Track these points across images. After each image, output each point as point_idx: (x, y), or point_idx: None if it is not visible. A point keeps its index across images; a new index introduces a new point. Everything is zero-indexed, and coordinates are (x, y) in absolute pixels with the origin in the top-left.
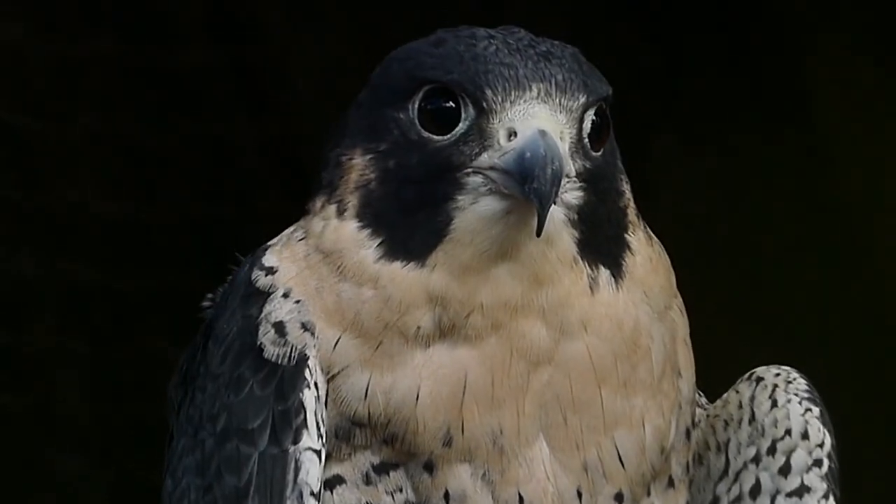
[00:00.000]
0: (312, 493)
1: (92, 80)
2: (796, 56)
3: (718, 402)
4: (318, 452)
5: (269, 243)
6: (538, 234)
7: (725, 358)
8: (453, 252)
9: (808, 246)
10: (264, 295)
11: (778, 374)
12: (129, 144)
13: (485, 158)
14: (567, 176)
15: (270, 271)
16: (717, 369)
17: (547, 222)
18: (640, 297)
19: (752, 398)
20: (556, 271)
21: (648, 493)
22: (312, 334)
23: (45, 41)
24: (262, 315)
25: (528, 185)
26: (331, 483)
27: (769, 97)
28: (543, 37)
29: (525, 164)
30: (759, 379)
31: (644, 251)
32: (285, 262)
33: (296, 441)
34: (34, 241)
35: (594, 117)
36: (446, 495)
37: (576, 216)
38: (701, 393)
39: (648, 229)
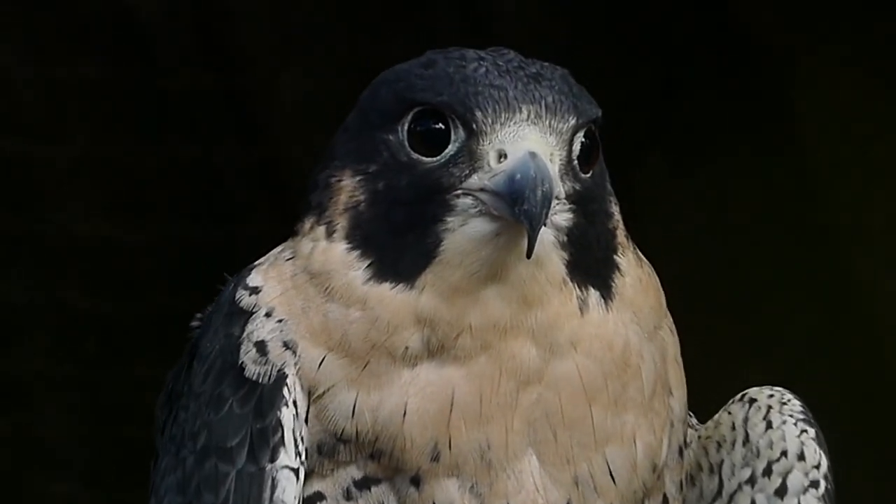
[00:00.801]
0: None
1: (81, 103)
2: (783, 80)
3: (710, 424)
4: (296, 471)
5: (255, 263)
6: (528, 256)
7: (713, 380)
8: (443, 274)
9: (794, 268)
10: (247, 314)
11: (772, 396)
12: (118, 168)
13: (475, 180)
14: (557, 198)
15: (254, 291)
16: (704, 391)
17: (537, 244)
18: (630, 318)
19: (746, 419)
20: (546, 293)
21: None
22: (294, 353)
23: (35, 65)
24: (245, 334)
25: (518, 207)
26: (311, 500)
27: (757, 121)
28: (533, 58)
29: (515, 186)
30: (752, 400)
31: (633, 272)
32: (270, 281)
33: (273, 459)
34: (21, 264)
35: (584, 139)
36: None
37: (565, 238)
38: (691, 414)
39: (638, 251)
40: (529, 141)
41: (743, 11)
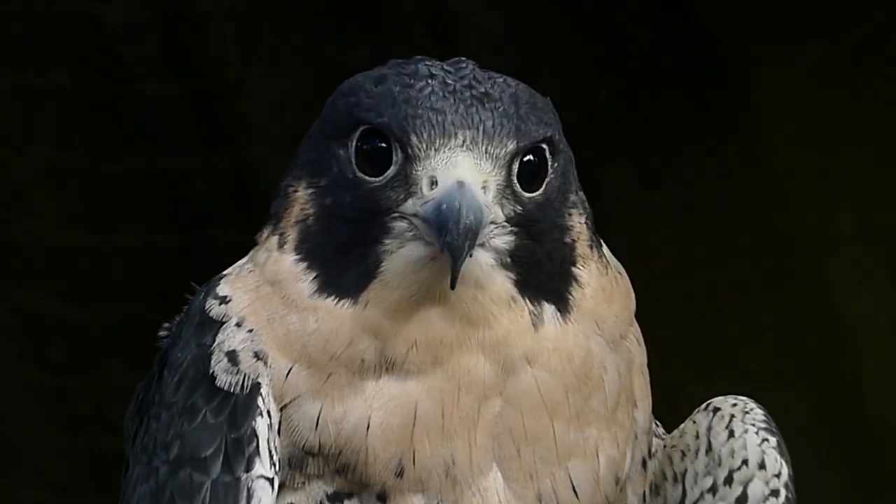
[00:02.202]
0: None
1: (48, 111)
2: (749, 88)
3: (675, 433)
4: (271, 480)
5: (223, 273)
6: (452, 287)
7: (680, 389)
8: (383, 294)
9: (762, 281)
10: (218, 324)
11: (735, 405)
12: (85, 176)
13: (409, 205)
14: (494, 223)
15: (224, 300)
16: (671, 400)
17: (472, 268)
18: (592, 329)
19: (710, 428)
20: (491, 313)
21: None
22: (265, 363)
23: (2, 72)
24: (216, 344)
25: (442, 237)
26: None
27: (723, 129)
28: (490, 72)
29: (441, 217)
30: (716, 409)
31: (595, 282)
32: (238, 291)
33: (248, 469)
34: None
35: (531, 158)
36: None
37: (508, 259)
38: (658, 423)
39: (605, 258)
40: (460, 169)
41: (708, 19)
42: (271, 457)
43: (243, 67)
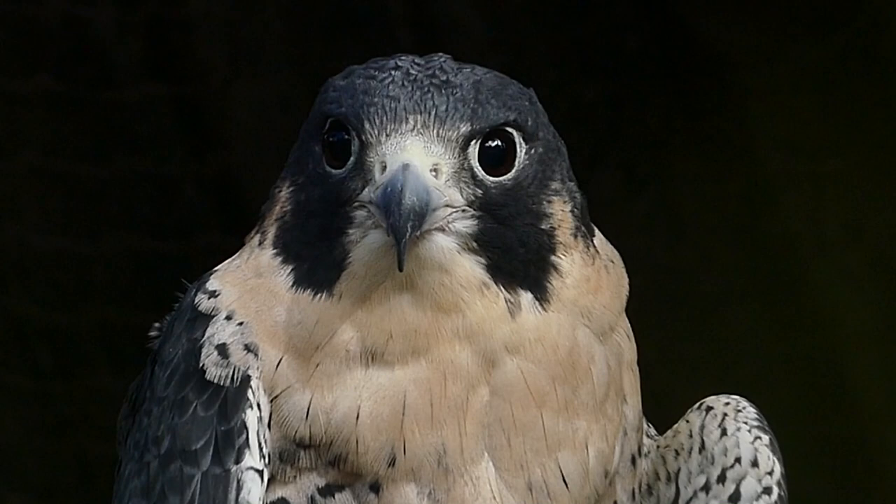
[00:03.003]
0: None
1: (33, 115)
2: (737, 94)
3: (669, 433)
4: (261, 472)
5: (214, 269)
6: (400, 269)
7: (669, 391)
8: (353, 285)
9: (750, 279)
10: (208, 318)
11: (727, 404)
12: (71, 180)
13: (366, 193)
14: (452, 206)
15: (213, 295)
16: (661, 403)
17: (433, 252)
18: (578, 319)
19: (703, 427)
20: (462, 298)
21: None
22: (256, 355)
23: None
24: (206, 337)
25: (386, 219)
26: None
27: (710, 135)
28: (467, 65)
29: (385, 199)
30: (709, 408)
31: (578, 272)
32: (227, 286)
33: (238, 461)
34: None
35: (497, 143)
36: None
37: (475, 244)
38: (650, 424)
39: (595, 247)
40: (407, 152)
41: (694, 23)
42: (261, 449)
43: (229, 72)
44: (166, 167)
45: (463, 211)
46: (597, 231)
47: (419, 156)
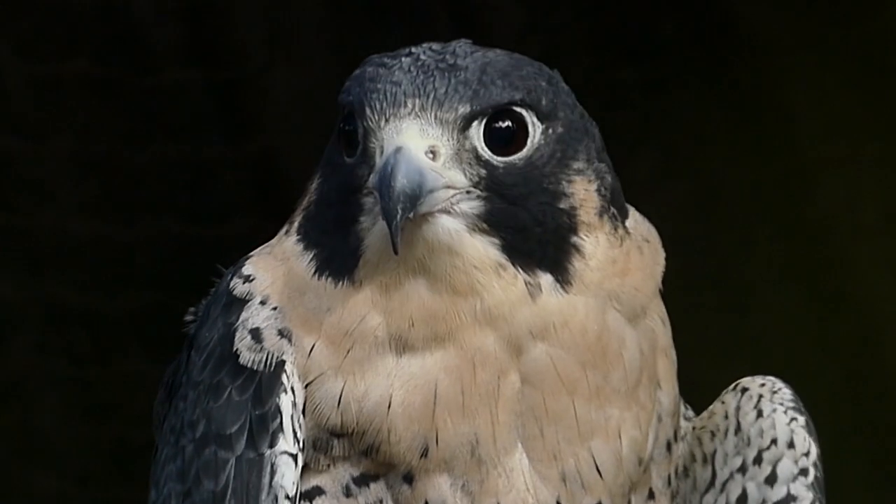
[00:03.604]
0: (287, 497)
1: (71, 100)
2: (775, 78)
3: (704, 414)
4: (294, 457)
5: (250, 254)
6: (395, 252)
7: (705, 378)
8: (370, 272)
9: (786, 267)
10: (243, 302)
11: (763, 385)
12: (109, 164)
13: (371, 179)
14: (453, 188)
15: (248, 279)
16: (696, 388)
17: (439, 234)
18: (606, 302)
19: (738, 408)
20: (478, 280)
21: None
22: (290, 341)
23: (25, 61)
24: (240, 321)
25: (380, 203)
26: (310, 494)
27: (748, 119)
28: (486, 49)
29: (379, 183)
30: (745, 389)
31: (603, 253)
32: (261, 271)
33: (272, 445)
34: (12, 261)
35: (508, 123)
36: None
37: (484, 224)
38: (688, 406)
39: (625, 228)
40: (403, 135)
41: (733, 6)
42: (295, 433)
43: (267, 56)
44: (203, 152)
45: (467, 192)
46: (632, 211)
47: (413, 138)
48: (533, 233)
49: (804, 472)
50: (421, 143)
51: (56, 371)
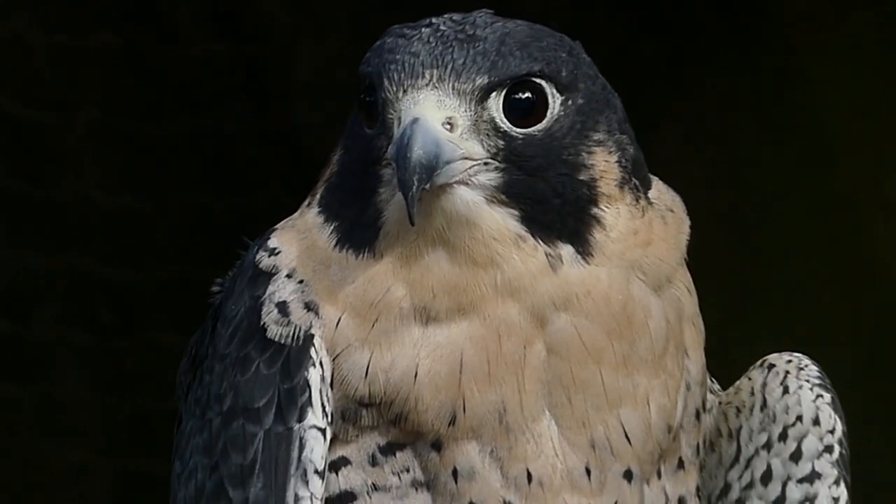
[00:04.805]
0: (316, 471)
1: (95, 72)
2: (800, 53)
3: (731, 390)
4: (323, 431)
5: (275, 227)
6: (411, 223)
7: (729, 353)
8: (390, 244)
9: (810, 243)
10: (269, 275)
11: (790, 361)
12: (133, 137)
13: (389, 150)
14: (470, 159)
15: (274, 252)
16: (717, 364)
17: (457, 205)
18: (630, 272)
19: (764, 385)
20: (497, 251)
21: (659, 475)
22: (317, 314)
23: (49, 34)
24: (266, 295)
25: (397, 174)
26: (336, 465)
27: (772, 94)
28: (507, 19)
29: (395, 154)
30: (771, 366)
31: (624, 224)
32: (285, 244)
33: (301, 419)
34: (38, 232)
35: (528, 95)
36: (454, 473)
37: (503, 196)
38: (714, 380)
39: (646, 198)
40: (420, 106)
41: None
42: (324, 407)
43: (293, 30)
44: (228, 125)
45: (485, 164)
46: (656, 181)
47: (430, 109)
48: (552, 204)
49: (829, 448)
50: (438, 114)
51: (80, 343)
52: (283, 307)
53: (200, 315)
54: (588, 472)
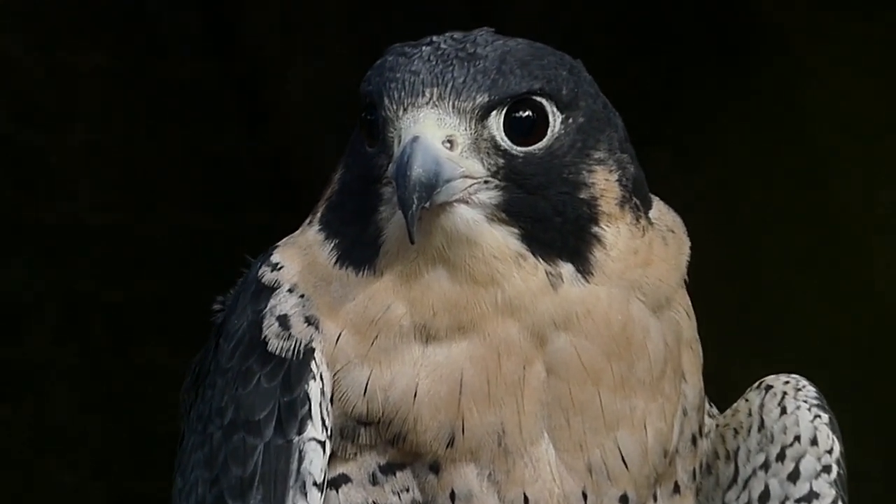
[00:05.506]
0: (315, 483)
1: (88, 92)
2: (791, 70)
3: (728, 412)
4: (323, 444)
5: (277, 243)
6: (411, 241)
7: (722, 373)
8: (390, 261)
9: (802, 262)
10: (271, 290)
11: (787, 382)
12: (125, 156)
13: (389, 169)
14: (471, 177)
15: (276, 268)
16: (710, 384)
17: (457, 224)
18: (629, 292)
19: (762, 406)
20: (497, 270)
21: (655, 499)
22: (317, 328)
23: (43, 53)
24: (267, 308)
25: (397, 192)
26: (336, 482)
27: (763, 113)
28: (506, 37)
29: (396, 173)
30: (769, 387)
31: (625, 243)
32: (287, 260)
33: (300, 432)
34: (29, 251)
35: (529, 113)
36: (452, 495)
37: (503, 214)
38: (712, 403)
39: (647, 218)
40: (420, 124)
41: (749, 2)
42: (323, 420)
43: (284, 49)
44: (219, 144)
45: (485, 182)
46: (657, 201)
47: (430, 128)
48: (553, 223)
49: (827, 469)
50: (438, 132)
51: (70, 362)
52: (283, 320)
53: (193, 334)
54: (585, 496)
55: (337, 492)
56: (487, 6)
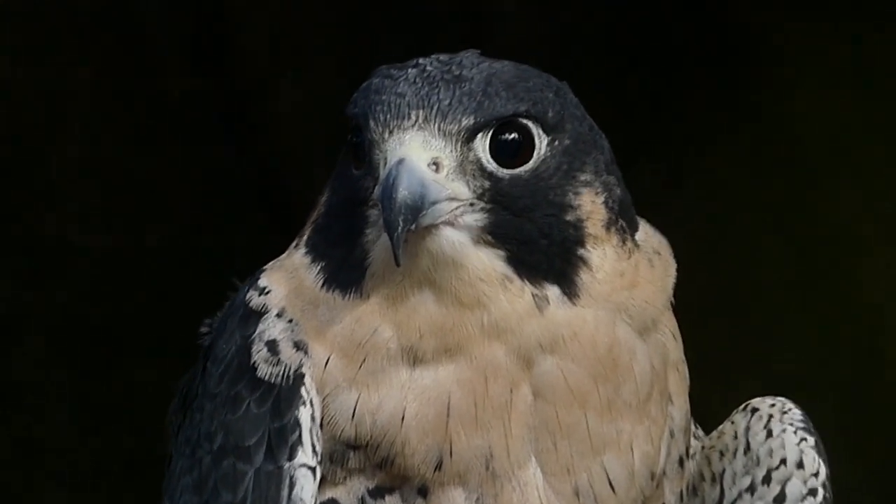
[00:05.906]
0: None
1: (76, 108)
2: (782, 89)
3: (714, 434)
4: (313, 470)
5: (264, 267)
6: (396, 264)
7: (708, 392)
8: (377, 284)
9: (791, 281)
10: (259, 315)
11: (773, 405)
12: (112, 174)
13: (375, 191)
14: (457, 199)
15: (263, 292)
16: (699, 403)
17: (443, 246)
18: (616, 314)
19: (748, 428)
20: (483, 292)
21: None
22: (306, 353)
23: (29, 70)
24: (256, 333)
25: (382, 215)
26: None
27: (751, 131)
28: (493, 60)
29: (381, 195)
30: (755, 410)
31: (611, 266)
32: (275, 283)
33: (291, 458)
34: (16, 270)
35: (515, 135)
36: None
37: (489, 236)
38: (698, 425)
39: (633, 240)
40: (406, 147)
41: (739, 18)
42: (314, 446)
43: (274, 66)
44: (208, 160)
45: (472, 204)
46: (643, 223)
47: (416, 150)
48: (539, 245)
49: (813, 492)
50: (424, 154)
51: (60, 381)
52: (272, 346)
53: (183, 353)
54: None
55: None
56: (479, 25)
